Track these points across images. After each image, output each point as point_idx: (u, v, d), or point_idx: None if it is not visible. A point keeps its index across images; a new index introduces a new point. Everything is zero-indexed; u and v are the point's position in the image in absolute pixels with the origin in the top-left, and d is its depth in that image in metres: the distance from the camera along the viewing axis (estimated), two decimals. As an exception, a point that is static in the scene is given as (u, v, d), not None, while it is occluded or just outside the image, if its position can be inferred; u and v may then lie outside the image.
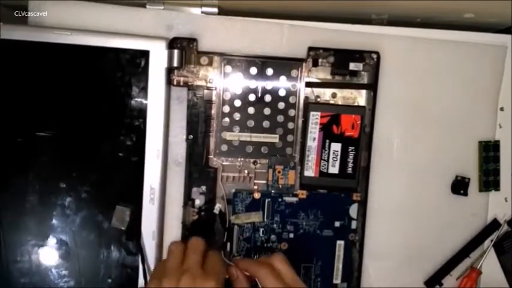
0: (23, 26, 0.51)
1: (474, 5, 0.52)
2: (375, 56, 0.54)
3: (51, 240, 0.51)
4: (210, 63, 0.53)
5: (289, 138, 0.54)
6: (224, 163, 0.54)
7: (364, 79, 0.55)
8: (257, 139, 0.54)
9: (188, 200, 0.54)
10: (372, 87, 0.54)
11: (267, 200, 0.54)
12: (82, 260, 0.52)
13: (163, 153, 0.52)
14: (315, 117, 0.53)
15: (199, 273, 0.44)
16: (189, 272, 0.44)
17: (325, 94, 0.55)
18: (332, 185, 0.54)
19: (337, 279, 0.56)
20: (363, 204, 0.55)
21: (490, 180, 0.58)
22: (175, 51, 0.51)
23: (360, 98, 0.55)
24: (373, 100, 0.54)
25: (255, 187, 0.55)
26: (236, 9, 0.54)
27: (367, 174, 0.55)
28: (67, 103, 0.51)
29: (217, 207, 0.54)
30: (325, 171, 0.54)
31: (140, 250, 0.51)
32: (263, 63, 0.53)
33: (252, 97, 0.53)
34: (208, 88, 0.53)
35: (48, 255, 0.51)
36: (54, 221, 0.51)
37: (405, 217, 0.57)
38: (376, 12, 0.57)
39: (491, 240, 0.58)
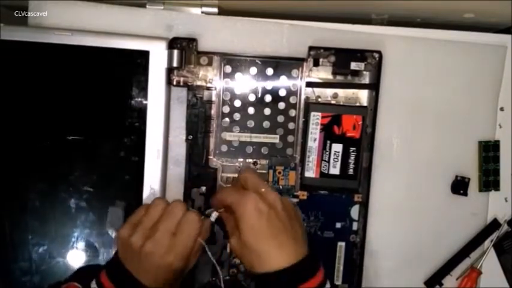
0: (23, 26, 0.50)
1: (474, 5, 0.52)
2: (377, 55, 0.53)
3: (52, 240, 0.51)
4: (210, 63, 0.52)
5: (290, 138, 0.54)
6: (224, 163, 0.54)
7: (366, 79, 0.54)
8: (257, 139, 0.54)
9: (188, 200, 0.53)
10: (374, 87, 0.54)
11: (267, 201, 0.54)
12: (83, 259, 0.52)
13: (163, 153, 0.52)
14: (315, 118, 0.53)
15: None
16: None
17: (327, 94, 0.55)
18: (333, 186, 0.54)
19: (337, 281, 0.56)
20: (365, 206, 0.55)
21: (490, 180, 0.58)
22: (175, 52, 0.51)
23: (362, 98, 0.55)
24: (375, 100, 0.54)
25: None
26: (236, 9, 0.54)
27: (369, 175, 0.54)
28: (67, 103, 0.51)
29: (214, 215, 0.46)
30: (326, 172, 0.54)
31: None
32: (263, 63, 0.53)
33: (252, 97, 0.53)
34: (208, 88, 0.53)
35: (48, 254, 0.51)
36: (54, 221, 0.51)
37: (405, 217, 0.57)
38: (376, 12, 0.57)
39: (491, 240, 0.58)
